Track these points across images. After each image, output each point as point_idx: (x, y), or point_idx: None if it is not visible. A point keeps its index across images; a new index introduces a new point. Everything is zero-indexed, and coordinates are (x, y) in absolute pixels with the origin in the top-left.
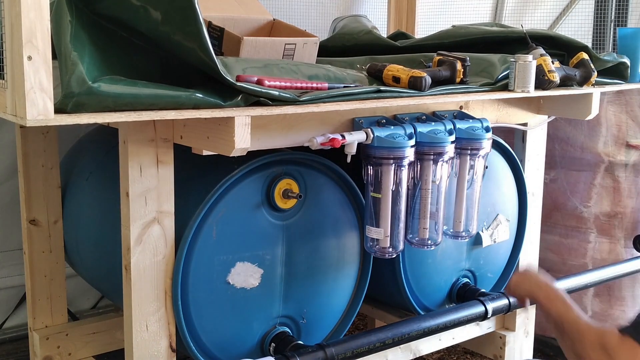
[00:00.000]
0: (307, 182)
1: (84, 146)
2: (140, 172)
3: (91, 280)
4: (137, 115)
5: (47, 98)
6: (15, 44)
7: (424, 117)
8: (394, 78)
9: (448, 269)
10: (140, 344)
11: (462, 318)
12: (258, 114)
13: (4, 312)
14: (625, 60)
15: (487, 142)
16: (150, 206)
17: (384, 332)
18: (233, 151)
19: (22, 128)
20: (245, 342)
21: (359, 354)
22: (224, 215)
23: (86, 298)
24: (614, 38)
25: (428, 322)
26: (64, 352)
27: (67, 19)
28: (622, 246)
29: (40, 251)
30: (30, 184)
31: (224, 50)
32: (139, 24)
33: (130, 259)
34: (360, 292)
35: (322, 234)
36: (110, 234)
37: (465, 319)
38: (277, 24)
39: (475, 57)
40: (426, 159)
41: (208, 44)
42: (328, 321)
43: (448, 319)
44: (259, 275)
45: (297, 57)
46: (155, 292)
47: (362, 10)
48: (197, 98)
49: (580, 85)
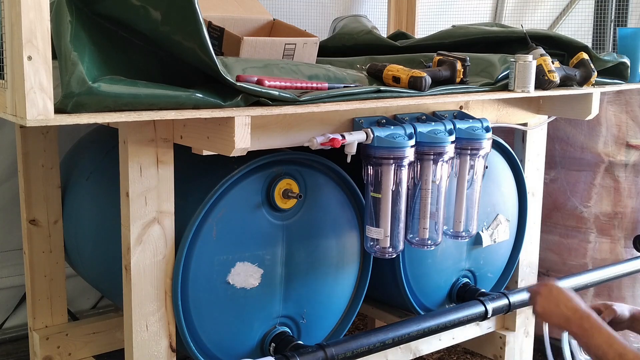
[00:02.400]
0: (307, 182)
1: (84, 146)
2: (140, 172)
3: (91, 280)
4: (137, 115)
5: (47, 98)
6: (16, 44)
7: (424, 117)
8: (394, 78)
9: (448, 269)
10: (140, 344)
11: (462, 318)
12: (258, 114)
13: (4, 312)
14: (625, 60)
15: (487, 142)
16: (150, 206)
17: (384, 332)
18: (233, 151)
19: (22, 128)
20: (245, 342)
21: (359, 354)
22: (224, 215)
23: (86, 298)
24: (614, 38)
25: (428, 322)
26: (64, 352)
27: (67, 19)
28: (622, 246)
29: (40, 251)
30: (30, 184)
31: (224, 50)
32: (139, 24)
33: (130, 259)
34: (360, 292)
35: (322, 234)
36: (110, 234)
37: (465, 319)
38: (277, 24)
39: (475, 57)
40: (426, 159)
41: (208, 44)
42: (328, 321)
43: (448, 319)
44: (259, 275)
45: (297, 57)
46: (155, 292)
47: (362, 10)
48: (197, 98)
49: (580, 85)
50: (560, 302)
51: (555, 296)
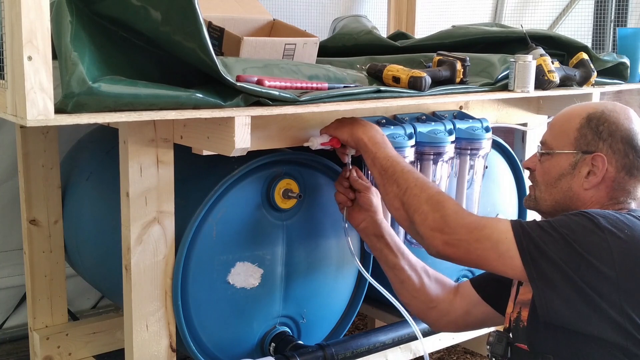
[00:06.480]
0: (307, 182)
1: (84, 146)
2: (141, 172)
3: (91, 280)
4: (137, 115)
5: (47, 98)
6: (16, 44)
7: (424, 117)
8: (394, 78)
9: (448, 268)
10: (140, 344)
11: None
12: (258, 114)
13: (4, 312)
14: (625, 61)
15: (487, 142)
16: (150, 206)
17: (384, 332)
18: (233, 151)
19: (23, 128)
20: (245, 342)
21: (359, 354)
22: (224, 215)
23: (86, 298)
24: (613, 38)
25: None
26: (64, 352)
27: (68, 19)
28: None
29: (41, 251)
30: (31, 184)
31: (224, 50)
32: (139, 24)
33: (131, 259)
34: (360, 292)
35: (322, 234)
36: (110, 234)
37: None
38: (277, 24)
39: (475, 57)
40: (426, 159)
41: (208, 44)
42: (328, 321)
43: None
44: (259, 275)
45: (297, 57)
46: (156, 292)
47: (362, 10)
48: (197, 98)
49: (580, 86)
50: (355, 120)
51: (352, 118)
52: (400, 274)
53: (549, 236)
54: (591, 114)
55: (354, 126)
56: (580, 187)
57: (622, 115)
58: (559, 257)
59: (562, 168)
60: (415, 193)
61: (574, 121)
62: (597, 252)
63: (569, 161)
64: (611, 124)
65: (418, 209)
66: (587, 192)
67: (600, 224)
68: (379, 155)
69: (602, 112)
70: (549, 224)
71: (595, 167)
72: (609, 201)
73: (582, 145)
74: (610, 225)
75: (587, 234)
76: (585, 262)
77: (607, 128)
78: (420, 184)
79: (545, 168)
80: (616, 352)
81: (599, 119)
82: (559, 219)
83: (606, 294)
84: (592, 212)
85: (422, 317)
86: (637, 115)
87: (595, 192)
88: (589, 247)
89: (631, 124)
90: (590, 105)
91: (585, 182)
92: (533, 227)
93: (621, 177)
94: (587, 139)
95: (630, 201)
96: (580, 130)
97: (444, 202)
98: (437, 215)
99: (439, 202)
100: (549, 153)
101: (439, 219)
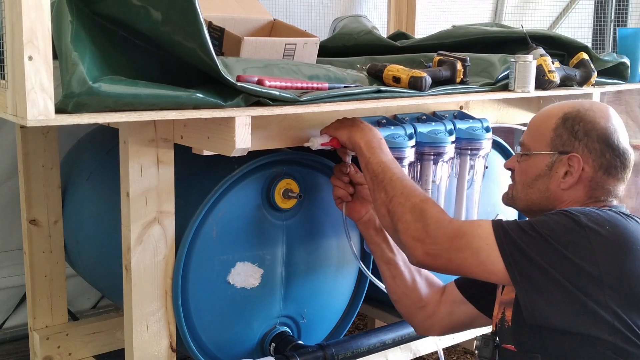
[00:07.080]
0: (307, 182)
1: (84, 146)
2: (141, 172)
3: (91, 280)
4: (137, 115)
5: (47, 98)
6: (16, 44)
7: (424, 117)
8: (394, 78)
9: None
10: (141, 344)
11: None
12: (258, 114)
13: (4, 312)
14: (625, 61)
15: (487, 142)
16: (151, 206)
17: (384, 332)
18: (233, 151)
19: (23, 128)
20: (245, 342)
21: (359, 354)
22: (224, 215)
23: (86, 298)
24: (614, 38)
25: None
26: (64, 352)
27: (68, 19)
28: None
29: (41, 251)
30: (31, 184)
31: (224, 50)
32: (139, 24)
33: (131, 259)
34: (360, 292)
35: (322, 234)
36: (110, 234)
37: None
38: (277, 24)
39: (475, 57)
40: (426, 159)
41: (208, 44)
42: (328, 321)
43: None
44: (259, 275)
45: (297, 57)
46: (156, 292)
47: (362, 10)
48: (198, 98)
49: (580, 86)
50: (355, 122)
51: (353, 120)
52: (394, 270)
53: (529, 237)
54: (567, 114)
55: (353, 129)
56: (558, 187)
57: (599, 114)
58: (541, 258)
59: (539, 169)
60: (401, 202)
61: (550, 121)
62: (579, 251)
63: (545, 162)
64: (587, 123)
65: (401, 217)
66: (565, 192)
67: (580, 221)
68: (372, 161)
69: (577, 111)
70: (530, 225)
71: (571, 167)
72: (588, 200)
73: (558, 146)
74: (590, 222)
75: (567, 232)
76: (567, 262)
77: (582, 127)
78: (407, 192)
79: (522, 168)
80: (604, 349)
81: (575, 119)
82: (540, 219)
83: (591, 291)
84: (572, 210)
85: (409, 318)
86: (617, 114)
87: (574, 191)
88: (570, 246)
89: (608, 123)
90: (567, 104)
91: (562, 182)
92: (514, 228)
93: (599, 177)
94: (563, 139)
95: (612, 199)
96: (556, 130)
97: (426, 211)
98: (419, 225)
99: (421, 211)
100: (526, 154)
101: (420, 229)
